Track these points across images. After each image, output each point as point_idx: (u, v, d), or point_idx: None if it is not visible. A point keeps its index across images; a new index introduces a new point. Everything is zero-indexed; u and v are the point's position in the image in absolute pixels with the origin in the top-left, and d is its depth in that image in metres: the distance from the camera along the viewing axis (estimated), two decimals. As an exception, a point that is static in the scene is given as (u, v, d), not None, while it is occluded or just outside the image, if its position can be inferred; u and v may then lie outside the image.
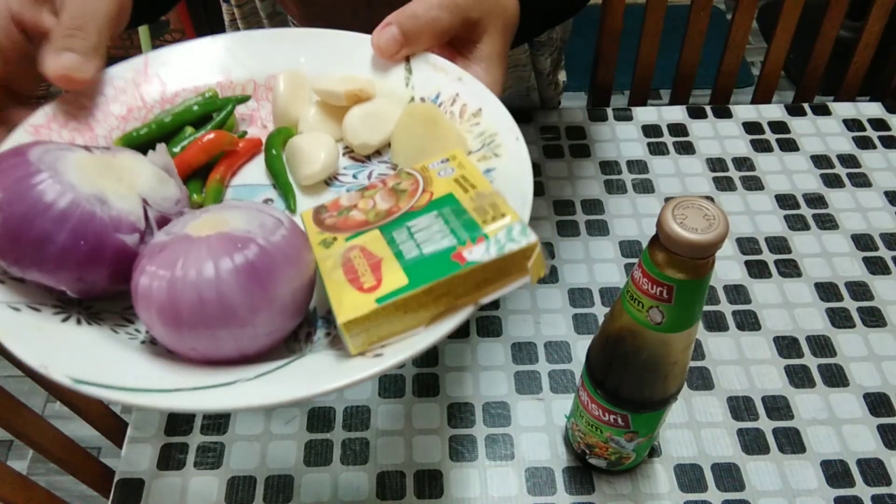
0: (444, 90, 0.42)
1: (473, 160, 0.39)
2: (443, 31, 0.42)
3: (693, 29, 0.88)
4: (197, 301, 0.31)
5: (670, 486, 0.53)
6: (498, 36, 0.44)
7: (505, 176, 0.38)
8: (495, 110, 0.40)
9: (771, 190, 0.71)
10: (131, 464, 0.54)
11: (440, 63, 0.43)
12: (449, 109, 0.42)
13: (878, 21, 0.87)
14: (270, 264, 0.33)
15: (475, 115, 0.41)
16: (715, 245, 0.34)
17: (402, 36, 0.42)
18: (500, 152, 0.39)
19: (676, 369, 0.43)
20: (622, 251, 0.66)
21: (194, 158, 0.43)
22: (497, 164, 0.39)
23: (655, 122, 0.78)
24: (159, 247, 0.33)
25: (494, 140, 0.39)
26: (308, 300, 0.36)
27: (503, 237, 0.33)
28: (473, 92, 0.41)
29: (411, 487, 0.53)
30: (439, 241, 0.33)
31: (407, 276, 0.32)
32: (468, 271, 0.32)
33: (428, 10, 0.41)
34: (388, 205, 0.37)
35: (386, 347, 0.32)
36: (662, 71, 0.95)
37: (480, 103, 0.41)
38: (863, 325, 0.61)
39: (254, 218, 0.34)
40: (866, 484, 0.52)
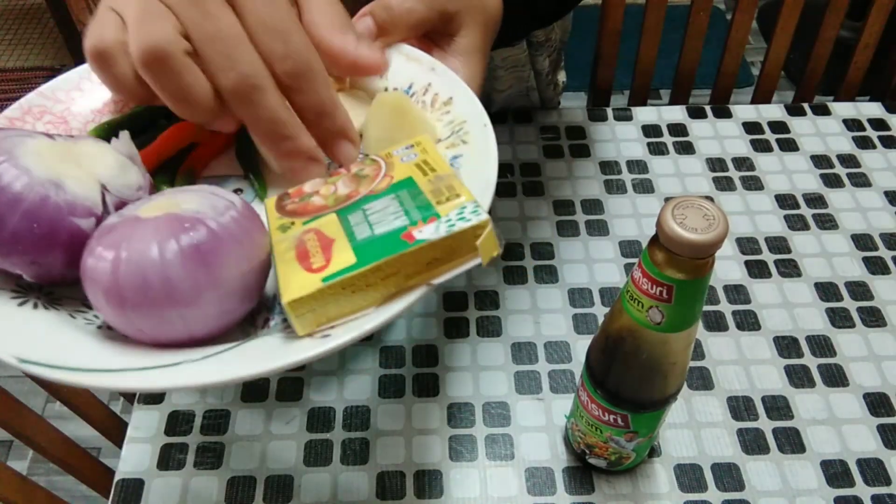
0: (417, 80, 0.42)
1: (442, 147, 0.40)
2: (417, 22, 0.42)
3: (693, 29, 0.88)
4: (141, 281, 0.31)
5: (670, 486, 0.53)
6: (477, 30, 0.44)
7: (471, 162, 0.38)
8: (466, 98, 0.40)
9: (771, 190, 0.71)
10: (131, 464, 0.54)
11: (414, 53, 0.43)
12: (421, 99, 0.42)
13: (878, 21, 0.87)
14: (217, 245, 0.33)
15: (446, 104, 0.41)
16: (715, 245, 0.34)
17: (376, 27, 0.42)
18: (467, 139, 0.39)
19: (676, 369, 0.43)
20: (622, 251, 0.66)
21: (163, 149, 0.43)
22: (464, 150, 0.39)
23: (655, 122, 0.78)
24: (108, 228, 0.33)
25: (463, 127, 0.40)
26: (261, 284, 0.36)
27: (454, 216, 0.33)
28: (445, 81, 0.41)
29: (411, 487, 0.53)
30: (392, 222, 0.33)
31: (356, 255, 0.32)
32: (416, 249, 0.32)
33: (402, 1, 0.41)
34: (349, 190, 0.37)
35: (335, 328, 0.32)
36: (662, 71, 0.95)
37: (452, 92, 0.41)
38: (863, 325, 0.61)
39: (205, 200, 0.34)
40: (866, 484, 0.52)
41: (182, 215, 0.33)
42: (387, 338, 0.61)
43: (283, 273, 0.33)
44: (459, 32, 0.43)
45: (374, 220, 0.34)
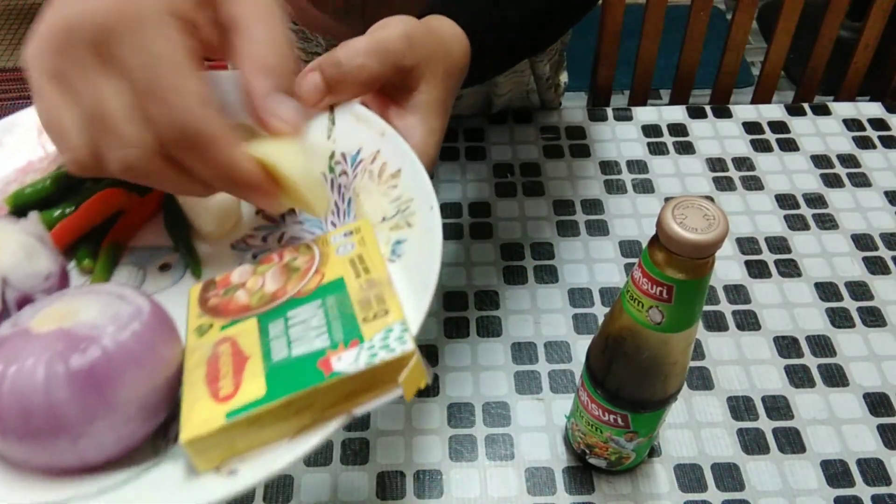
0: (365, 146, 0.39)
1: (386, 228, 0.37)
2: (370, 79, 0.39)
3: (693, 29, 0.88)
4: (21, 409, 0.28)
5: (670, 486, 0.53)
6: (437, 83, 0.41)
7: (414, 251, 0.35)
8: (414, 173, 0.37)
9: (771, 190, 0.71)
10: (131, 464, 0.54)
11: (363, 114, 0.40)
12: (368, 168, 0.39)
13: (878, 21, 0.87)
14: (112, 368, 0.30)
15: (393, 177, 0.38)
16: (715, 245, 0.34)
17: (324, 83, 0.38)
18: (412, 221, 0.36)
19: (676, 369, 0.43)
20: (622, 251, 0.66)
21: (85, 220, 0.40)
22: (408, 234, 0.36)
23: (655, 122, 0.78)
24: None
25: (409, 206, 0.36)
26: (170, 398, 0.33)
27: (378, 342, 0.30)
28: (395, 150, 0.38)
29: (411, 487, 0.53)
30: (311, 341, 0.31)
31: (267, 384, 0.30)
32: (332, 383, 0.29)
33: (353, 57, 0.38)
34: (276, 286, 0.34)
35: (243, 462, 0.29)
36: (662, 71, 0.95)
37: (401, 163, 0.38)
38: (863, 325, 0.61)
39: (108, 308, 0.31)
40: (866, 484, 0.52)
41: (75, 332, 0.30)
42: (387, 338, 0.60)
43: (187, 398, 0.30)
44: (418, 87, 0.40)
45: (294, 334, 0.31)
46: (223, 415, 0.29)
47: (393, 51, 0.39)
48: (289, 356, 0.30)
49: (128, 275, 0.41)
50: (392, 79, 0.40)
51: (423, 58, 0.40)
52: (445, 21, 0.44)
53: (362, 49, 0.38)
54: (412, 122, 0.40)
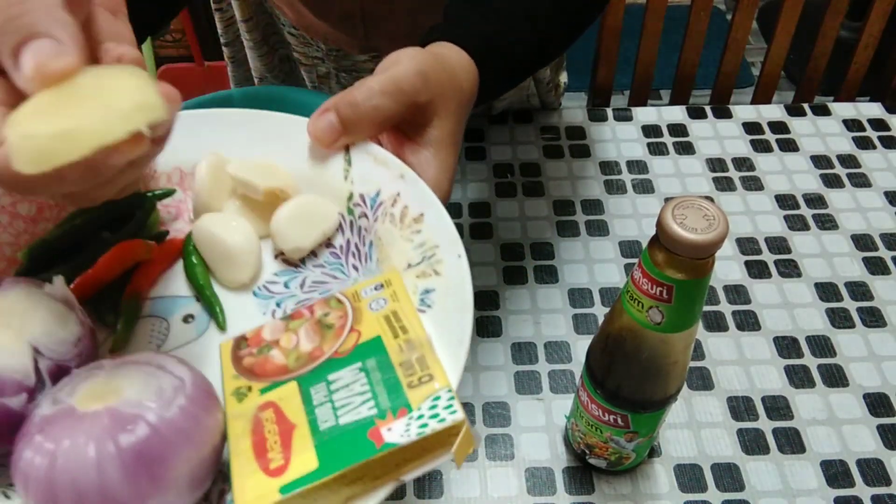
0: (384, 188, 0.39)
1: (412, 276, 0.36)
2: (385, 119, 0.39)
3: (693, 29, 0.88)
4: (73, 489, 0.28)
5: (670, 486, 0.53)
6: (450, 117, 0.41)
7: (444, 301, 0.35)
8: (438, 217, 0.37)
9: (771, 190, 0.71)
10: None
11: (381, 155, 0.39)
12: (389, 211, 0.38)
13: (878, 21, 0.87)
14: (161, 447, 0.29)
15: (416, 221, 0.37)
16: (715, 245, 0.34)
17: (340, 124, 0.38)
18: (440, 270, 0.35)
19: (676, 369, 0.43)
20: (622, 251, 0.66)
21: (104, 273, 0.39)
22: (436, 284, 0.35)
23: (655, 122, 0.78)
24: (43, 422, 0.30)
25: (435, 254, 0.36)
26: (215, 465, 0.33)
27: (427, 411, 0.30)
28: (416, 193, 0.38)
29: (411, 487, 0.53)
30: (358, 409, 0.30)
31: (318, 456, 0.29)
32: (384, 455, 0.29)
33: (369, 97, 0.38)
34: (312, 346, 0.34)
35: None
36: (662, 71, 0.95)
37: (422, 207, 0.37)
38: (863, 325, 0.61)
39: (150, 383, 0.31)
40: (866, 484, 0.52)
41: (122, 411, 0.29)
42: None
43: (237, 472, 0.30)
44: (431, 123, 0.40)
45: (338, 400, 0.31)
46: (276, 489, 0.29)
47: (408, 90, 0.38)
48: (336, 425, 0.30)
49: (151, 327, 0.40)
50: (406, 116, 0.40)
51: (437, 93, 0.40)
52: (453, 49, 0.44)
53: (378, 89, 0.38)
54: (426, 158, 0.40)
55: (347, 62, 0.72)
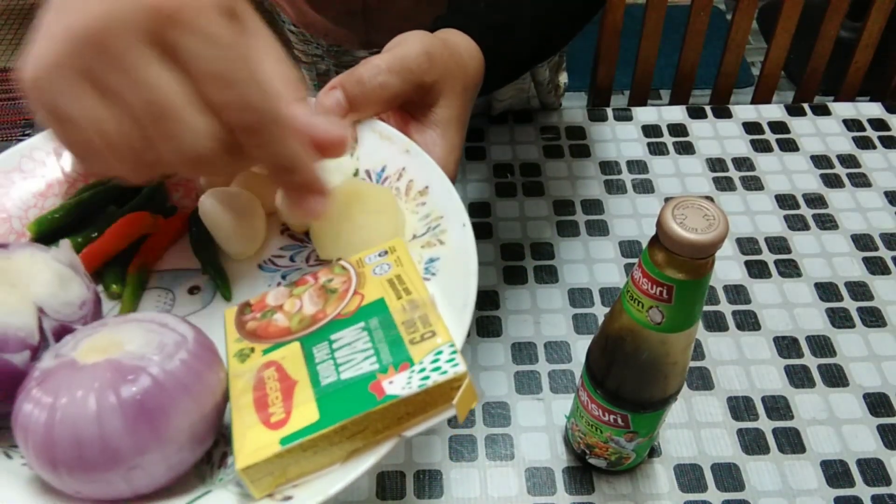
0: (390, 163, 0.39)
1: (417, 246, 0.37)
2: (392, 97, 0.39)
3: (693, 29, 0.88)
4: (73, 440, 0.28)
5: (670, 486, 0.53)
6: (455, 99, 0.41)
7: (448, 269, 0.35)
8: (443, 189, 0.37)
9: (771, 190, 0.71)
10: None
11: (387, 132, 0.40)
12: (395, 185, 0.39)
13: (878, 21, 0.87)
14: (162, 398, 0.29)
15: (421, 194, 0.38)
16: (715, 245, 0.34)
17: (346, 101, 0.39)
18: (444, 239, 0.36)
19: (676, 369, 0.43)
20: (622, 251, 0.66)
21: (111, 245, 0.40)
22: (441, 252, 0.36)
23: (655, 122, 0.78)
24: (43, 375, 0.30)
25: (440, 224, 0.36)
26: (217, 424, 0.33)
27: (429, 364, 0.30)
28: (421, 166, 0.38)
29: (411, 487, 0.53)
30: (359, 364, 0.31)
31: (319, 409, 0.29)
32: (386, 406, 0.29)
33: (375, 74, 0.38)
34: (315, 309, 0.34)
35: (297, 488, 0.29)
36: (662, 71, 0.95)
37: (428, 180, 0.38)
38: (863, 325, 0.61)
39: (153, 338, 0.31)
40: (866, 484, 0.52)
41: (123, 362, 0.30)
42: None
43: (237, 426, 0.30)
44: (438, 103, 0.41)
45: (340, 357, 0.31)
46: (277, 441, 0.29)
47: (414, 68, 0.39)
48: (338, 380, 0.30)
49: (156, 299, 0.40)
50: (412, 96, 0.40)
51: (443, 74, 0.40)
52: (460, 35, 0.44)
53: (384, 67, 0.38)
54: (433, 138, 0.40)
55: (348, 58, 0.72)
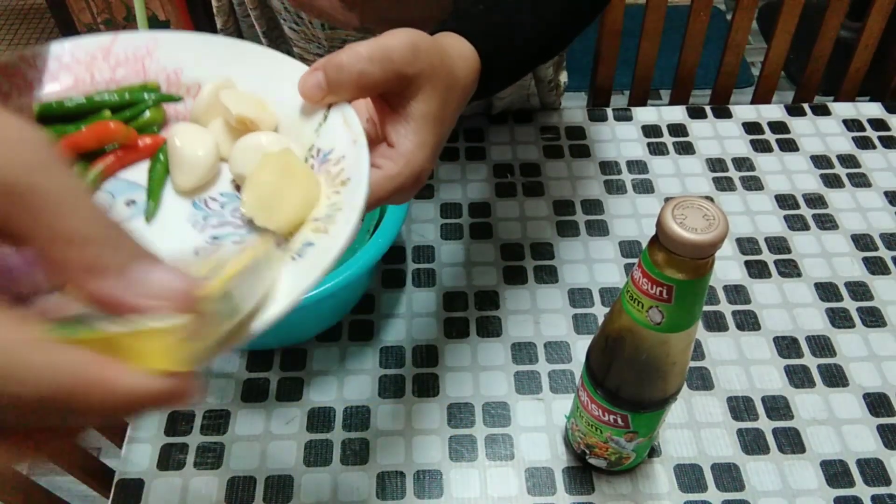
0: (338, 147, 0.41)
1: (309, 229, 0.38)
2: (369, 84, 0.40)
3: (693, 29, 0.88)
4: None
5: (670, 486, 0.53)
6: (436, 96, 0.42)
7: (311, 257, 0.36)
8: (357, 186, 0.38)
9: (771, 190, 0.71)
10: (131, 464, 0.54)
11: (350, 118, 0.41)
12: (329, 168, 0.40)
13: (878, 21, 0.87)
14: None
15: (343, 184, 0.39)
16: (715, 245, 0.34)
17: (326, 84, 0.40)
18: (329, 229, 0.37)
19: (676, 369, 0.43)
20: (622, 251, 0.66)
21: (85, 142, 0.43)
22: (319, 240, 0.37)
23: (655, 122, 0.78)
24: None
25: (335, 216, 0.38)
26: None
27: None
28: (357, 160, 0.39)
29: (411, 487, 0.53)
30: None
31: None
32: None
33: (356, 62, 0.39)
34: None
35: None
36: (662, 71, 0.95)
37: (353, 174, 0.39)
38: (863, 325, 0.61)
39: None
40: (866, 484, 0.52)
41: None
42: (387, 338, 0.61)
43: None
44: (416, 97, 0.42)
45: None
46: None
47: (396, 59, 0.40)
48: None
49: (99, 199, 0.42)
50: (392, 86, 0.41)
51: (426, 69, 0.41)
52: (456, 39, 0.45)
53: (365, 55, 0.39)
54: (404, 132, 0.42)
55: None
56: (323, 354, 0.60)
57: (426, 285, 0.64)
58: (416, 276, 0.64)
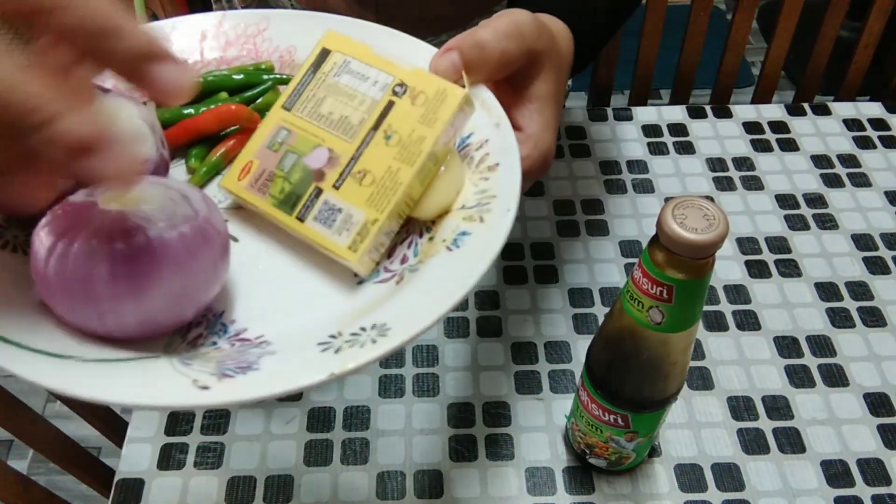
0: (478, 131, 0.39)
1: (460, 217, 0.37)
2: (508, 63, 0.38)
3: (693, 29, 0.88)
4: (63, 269, 0.31)
5: (670, 486, 0.53)
6: (555, 75, 0.40)
7: (471, 246, 0.35)
8: (510, 172, 0.37)
9: (771, 190, 0.71)
10: (131, 464, 0.54)
11: (489, 101, 0.39)
12: (473, 153, 0.39)
13: (878, 21, 0.87)
14: (149, 260, 0.32)
15: (490, 169, 0.38)
16: (715, 245, 0.34)
17: (463, 64, 0.38)
18: (486, 218, 0.36)
19: (676, 369, 0.43)
20: (622, 251, 0.66)
21: (205, 125, 0.43)
22: (476, 229, 0.36)
23: (655, 122, 0.78)
24: (66, 206, 0.33)
25: (490, 203, 0.36)
26: (199, 304, 0.35)
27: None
28: (503, 144, 0.38)
29: (411, 487, 0.53)
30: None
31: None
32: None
33: (497, 39, 0.37)
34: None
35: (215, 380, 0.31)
36: (662, 71, 0.95)
37: (502, 159, 0.38)
38: (863, 325, 0.61)
39: (168, 205, 0.33)
40: (866, 484, 0.52)
41: (129, 218, 0.32)
42: (387, 338, 0.61)
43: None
44: (539, 76, 0.40)
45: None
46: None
47: (527, 34, 0.38)
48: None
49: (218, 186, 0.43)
50: (522, 65, 0.39)
51: (547, 47, 0.40)
52: (551, 17, 0.44)
53: (503, 31, 0.38)
54: (530, 113, 0.40)
55: None
56: (323, 354, 0.60)
57: (426, 285, 0.64)
58: (416, 276, 0.64)
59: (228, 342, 0.35)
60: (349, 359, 0.31)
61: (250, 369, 0.31)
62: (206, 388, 0.30)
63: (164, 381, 0.31)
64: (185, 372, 0.31)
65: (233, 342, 0.35)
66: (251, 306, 0.37)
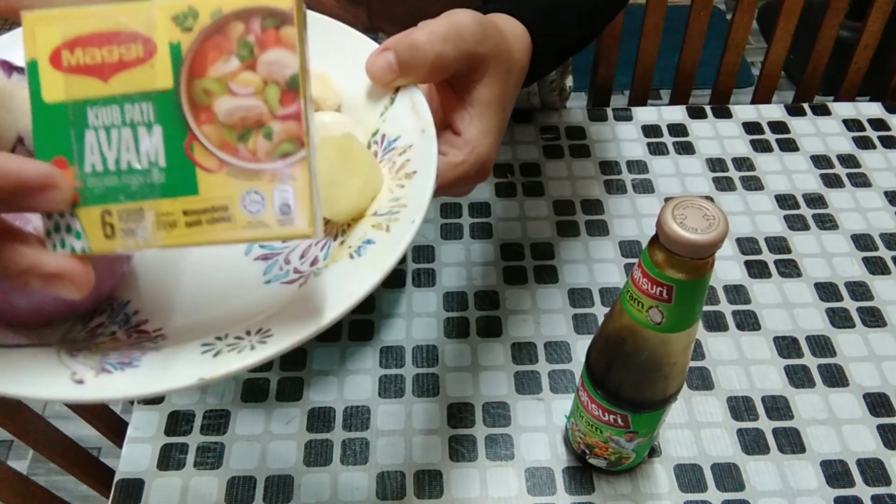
0: (404, 136, 0.38)
1: (368, 224, 0.36)
2: (443, 66, 0.37)
3: (693, 29, 0.88)
4: None
5: (670, 486, 0.53)
6: (499, 80, 0.40)
7: (370, 257, 0.34)
8: (425, 181, 0.36)
9: (771, 190, 0.71)
10: (131, 464, 0.54)
11: (419, 104, 0.38)
12: (395, 158, 0.38)
13: (878, 21, 0.87)
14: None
15: (408, 177, 0.36)
16: (715, 245, 0.34)
17: (397, 65, 0.37)
18: (392, 228, 0.35)
19: (676, 369, 0.43)
20: (622, 251, 0.66)
21: None
22: (379, 238, 0.35)
23: (655, 122, 0.78)
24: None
25: (399, 212, 0.35)
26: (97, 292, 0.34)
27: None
28: (424, 152, 0.37)
29: (411, 487, 0.53)
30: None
31: None
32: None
33: (432, 42, 0.36)
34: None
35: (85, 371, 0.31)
36: (662, 71, 0.95)
37: (419, 167, 0.36)
38: (863, 325, 0.61)
39: None
40: (866, 484, 0.52)
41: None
42: (387, 338, 0.61)
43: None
44: (482, 81, 0.39)
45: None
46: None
47: (468, 38, 0.37)
48: None
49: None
50: (461, 69, 0.38)
51: (492, 51, 0.39)
52: (508, 19, 0.43)
53: (440, 33, 0.37)
54: (468, 118, 0.39)
55: None
56: (323, 354, 0.60)
57: (426, 285, 0.64)
58: (416, 276, 0.64)
59: (126, 333, 0.35)
60: (222, 365, 0.30)
61: (130, 366, 0.31)
62: (81, 382, 0.30)
63: (44, 372, 0.31)
64: (67, 364, 0.31)
65: (130, 333, 0.35)
66: (156, 298, 0.37)
